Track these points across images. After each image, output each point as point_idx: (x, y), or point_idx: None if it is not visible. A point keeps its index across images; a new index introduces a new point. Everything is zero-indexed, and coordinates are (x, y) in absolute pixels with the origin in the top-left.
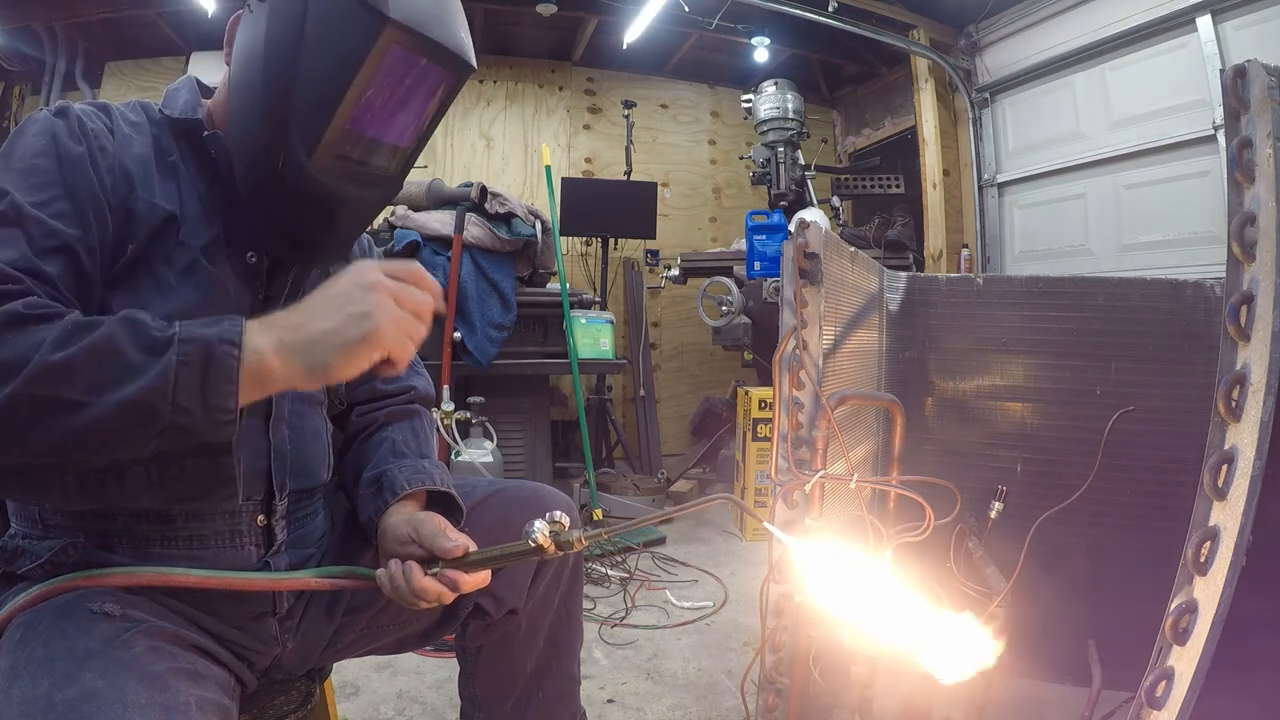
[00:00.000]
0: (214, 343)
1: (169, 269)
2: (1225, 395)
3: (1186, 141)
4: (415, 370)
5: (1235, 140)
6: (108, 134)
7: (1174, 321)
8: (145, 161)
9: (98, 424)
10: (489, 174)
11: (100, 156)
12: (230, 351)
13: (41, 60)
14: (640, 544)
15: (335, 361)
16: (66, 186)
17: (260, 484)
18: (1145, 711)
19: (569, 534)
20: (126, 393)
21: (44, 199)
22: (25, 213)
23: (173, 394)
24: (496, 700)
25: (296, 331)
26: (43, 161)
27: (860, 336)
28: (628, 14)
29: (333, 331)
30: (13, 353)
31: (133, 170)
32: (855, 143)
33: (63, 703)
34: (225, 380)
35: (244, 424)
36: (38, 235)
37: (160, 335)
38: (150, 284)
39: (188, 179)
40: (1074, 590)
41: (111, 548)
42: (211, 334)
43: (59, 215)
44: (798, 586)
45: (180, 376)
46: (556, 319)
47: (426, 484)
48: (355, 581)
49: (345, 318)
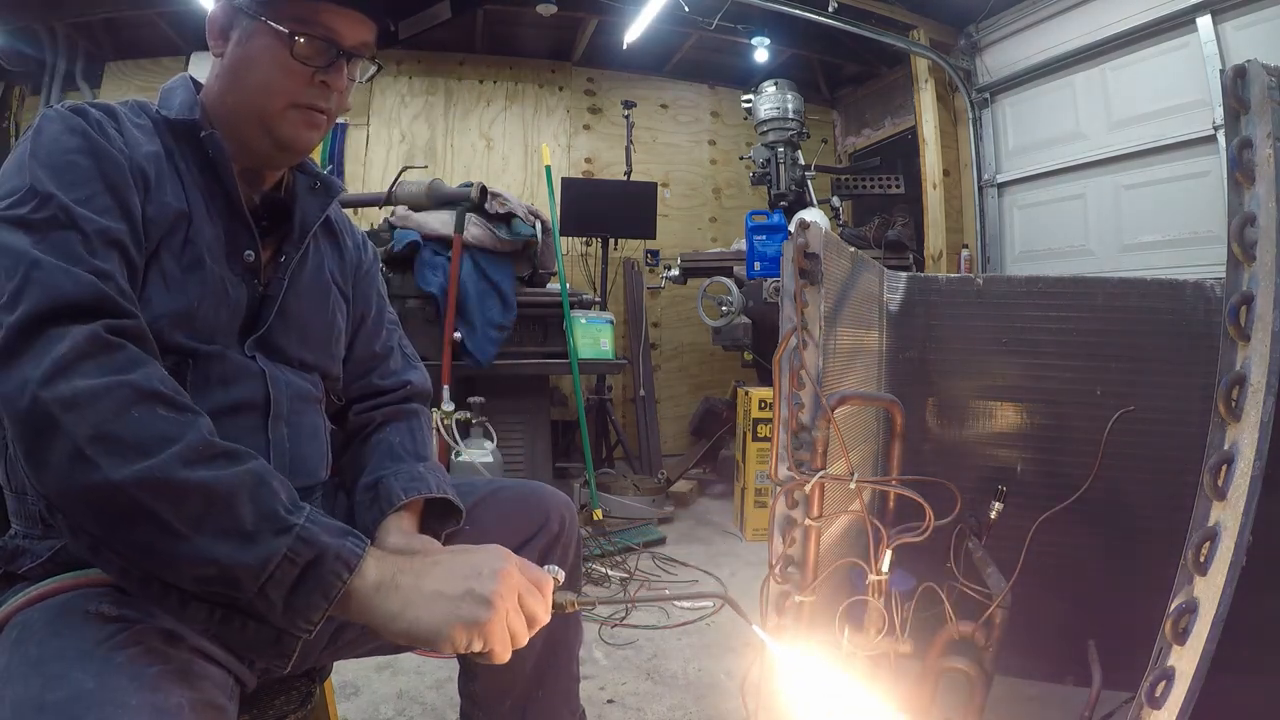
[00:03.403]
0: (329, 557)
1: (176, 266)
2: (1225, 395)
3: (1186, 141)
4: (411, 364)
5: (1235, 140)
6: (117, 135)
7: (1174, 321)
8: (156, 161)
9: (180, 557)
10: (489, 174)
11: (121, 155)
12: (340, 573)
13: (41, 60)
14: (640, 544)
15: (438, 629)
16: (106, 181)
17: None
18: (1145, 711)
19: (562, 596)
20: (222, 552)
21: (86, 195)
22: (75, 213)
23: (264, 582)
24: (496, 700)
25: (413, 578)
26: (78, 159)
27: (860, 336)
28: (628, 14)
29: (447, 600)
30: (134, 438)
31: (147, 170)
32: (855, 143)
33: (53, 703)
34: (321, 595)
35: (240, 422)
36: (92, 234)
37: (284, 517)
38: (158, 279)
39: (190, 178)
40: (1074, 590)
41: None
42: (332, 546)
43: (104, 211)
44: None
45: (279, 571)
46: (556, 319)
47: (422, 491)
48: None
49: (464, 593)
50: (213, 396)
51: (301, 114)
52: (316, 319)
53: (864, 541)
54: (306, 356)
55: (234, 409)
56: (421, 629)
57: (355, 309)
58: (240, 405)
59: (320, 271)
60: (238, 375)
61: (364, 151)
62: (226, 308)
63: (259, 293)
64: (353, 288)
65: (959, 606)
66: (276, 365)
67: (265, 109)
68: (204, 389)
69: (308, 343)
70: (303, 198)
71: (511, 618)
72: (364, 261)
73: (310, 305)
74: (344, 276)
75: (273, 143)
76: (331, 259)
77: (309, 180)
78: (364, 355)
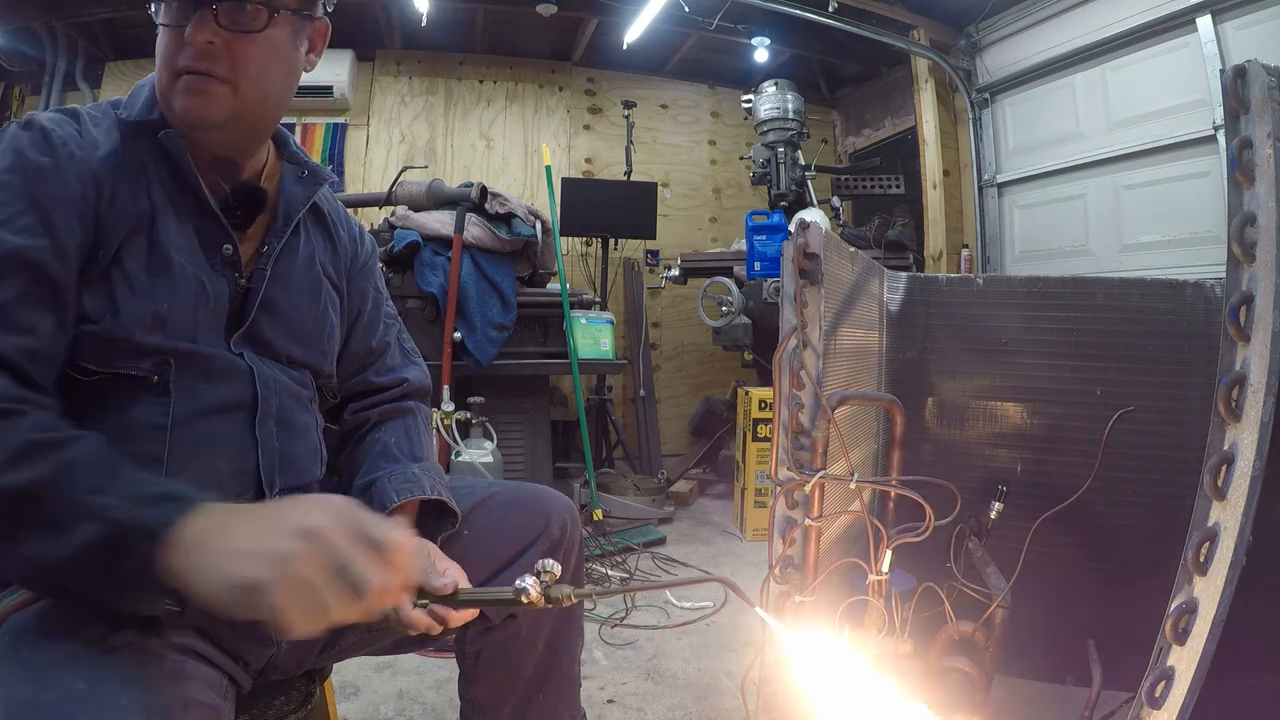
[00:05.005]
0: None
1: (140, 268)
2: (1225, 395)
3: (1186, 142)
4: (410, 360)
5: (1235, 140)
6: (77, 140)
7: (1174, 321)
8: (114, 164)
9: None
10: (489, 174)
11: (69, 164)
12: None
13: (41, 60)
14: (640, 544)
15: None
16: (32, 199)
17: (249, 483)
18: (1145, 711)
19: (559, 589)
20: (35, 550)
21: (6, 216)
22: None
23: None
24: (496, 704)
25: (225, 536)
26: (8, 178)
27: (860, 336)
28: (628, 14)
29: (237, 557)
30: None
31: (102, 174)
32: (855, 143)
33: (45, 705)
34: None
35: (227, 421)
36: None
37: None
38: (122, 284)
39: (155, 178)
40: (1074, 590)
41: None
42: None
43: (23, 230)
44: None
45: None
46: (556, 319)
47: (416, 494)
48: None
49: (257, 550)
50: (198, 395)
51: (183, 81)
52: (306, 313)
53: (864, 541)
54: (295, 352)
55: (221, 408)
56: (213, 592)
57: (350, 304)
58: (227, 404)
59: (311, 264)
60: (223, 373)
61: (364, 151)
62: (205, 305)
63: (241, 286)
64: (348, 282)
65: (959, 606)
66: (265, 362)
67: (162, 87)
68: (188, 388)
69: (297, 338)
70: (288, 186)
71: (311, 589)
72: (360, 254)
73: (300, 299)
74: (337, 270)
75: (177, 120)
76: (324, 251)
77: (296, 169)
78: (359, 351)
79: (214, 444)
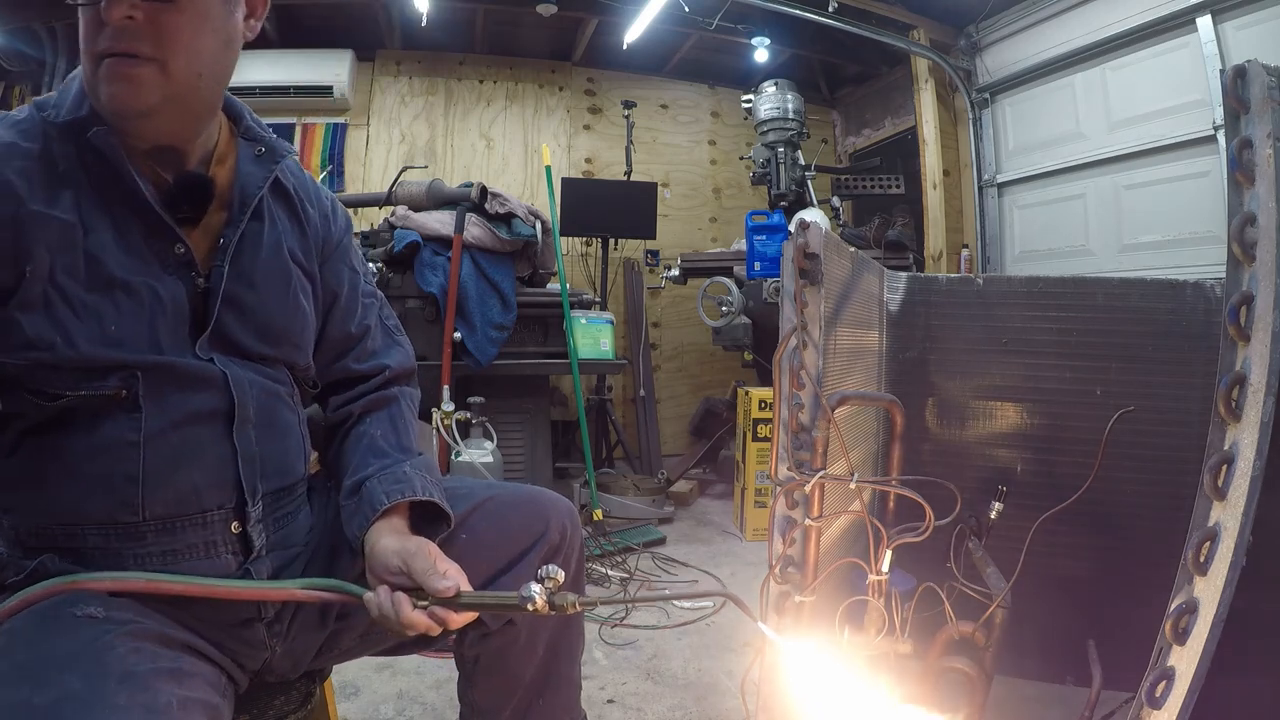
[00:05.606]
0: None
1: (79, 286)
2: (1225, 395)
3: (1186, 142)
4: (393, 340)
5: (1235, 140)
6: None
7: (1174, 321)
8: (29, 173)
9: None
10: (489, 174)
11: None
12: None
13: (41, 60)
14: (640, 544)
15: None
16: None
17: (230, 491)
18: (1145, 711)
19: (564, 597)
20: None
21: None
22: None
23: None
24: (495, 708)
25: None
26: None
27: (860, 336)
28: (628, 14)
29: None
30: None
31: (16, 184)
32: (855, 143)
33: (42, 706)
34: None
35: (203, 431)
36: None
37: None
38: (62, 305)
39: (85, 184)
40: (1074, 590)
41: (87, 567)
42: None
43: None
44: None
45: None
46: (556, 319)
47: (406, 495)
48: (342, 596)
49: None
50: (170, 407)
51: (105, 66)
52: (276, 306)
53: (864, 541)
54: (267, 350)
55: (195, 417)
56: None
57: (325, 289)
58: (201, 413)
59: (277, 251)
60: (194, 382)
61: (364, 151)
62: (162, 313)
63: (200, 287)
64: (320, 265)
65: (959, 606)
66: (237, 363)
67: (87, 77)
68: (159, 401)
69: (268, 334)
70: (244, 167)
71: None
72: (333, 234)
73: (267, 292)
74: (307, 254)
75: (105, 111)
76: (291, 235)
77: (252, 146)
78: (338, 337)
79: (190, 457)
